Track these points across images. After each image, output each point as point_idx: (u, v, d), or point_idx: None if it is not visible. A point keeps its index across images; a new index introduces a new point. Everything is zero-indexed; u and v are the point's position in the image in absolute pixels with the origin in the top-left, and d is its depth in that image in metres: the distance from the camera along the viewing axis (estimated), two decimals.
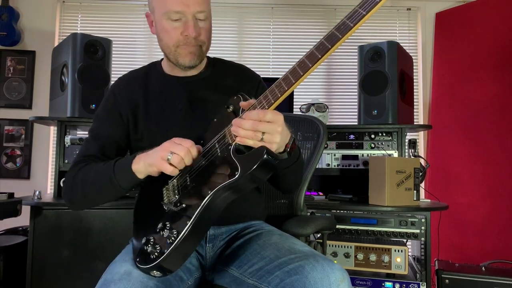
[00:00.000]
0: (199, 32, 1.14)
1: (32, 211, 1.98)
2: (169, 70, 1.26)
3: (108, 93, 1.27)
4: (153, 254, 0.93)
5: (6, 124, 2.91)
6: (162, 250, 0.92)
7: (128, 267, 0.95)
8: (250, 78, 1.29)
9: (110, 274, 0.95)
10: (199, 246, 1.18)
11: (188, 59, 1.16)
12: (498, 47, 2.72)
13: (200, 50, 1.17)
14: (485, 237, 2.63)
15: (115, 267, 0.98)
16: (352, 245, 2.00)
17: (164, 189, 1.04)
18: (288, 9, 3.07)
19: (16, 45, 2.93)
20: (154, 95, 1.23)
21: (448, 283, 1.96)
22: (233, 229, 1.21)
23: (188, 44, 1.14)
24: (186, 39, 1.13)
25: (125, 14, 3.04)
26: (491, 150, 2.67)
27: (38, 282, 1.96)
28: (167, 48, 1.17)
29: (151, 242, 0.96)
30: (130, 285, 0.89)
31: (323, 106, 2.44)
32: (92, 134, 1.22)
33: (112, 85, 1.29)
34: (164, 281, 0.96)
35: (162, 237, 0.94)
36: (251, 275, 1.03)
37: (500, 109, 2.65)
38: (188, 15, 1.11)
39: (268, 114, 0.88)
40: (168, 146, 0.95)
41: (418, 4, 3.03)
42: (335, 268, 0.91)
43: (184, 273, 1.08)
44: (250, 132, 0.88)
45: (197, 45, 1.15)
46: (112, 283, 0.91)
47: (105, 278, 0.95)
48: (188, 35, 1.12)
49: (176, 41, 1.14)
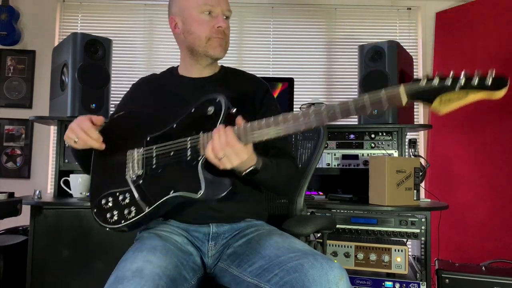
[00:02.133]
0: (226, 25, 1.27)
1: (32, 211, 1.98)
2: (185, 71, 1.35)
3: (128, 90, 1.42)
4: (110, 217, 1.13)
5: (6, 123, 2.91)
6: (119, 219, 1.11)
7: (139, 264, 0.97)
8: (258, 84, 1.37)
9: (121, 271, 0.96)
10: (201, 244, 1.19)
11: (218, 50, 1.27)
12: (498, 47, 2.72)
13: (226, 45, 1.29)
14: (485, 236, 2.63)
15: (126, 264, 0.99)
16: (352, 245, 2.00)
17: (129, 153, 1.19)
18: (288, 8, 3.07)
19: (16, 45, 2.93)
20: (167, 93, 1.32)
21: (448, 283, 1.96)
22: (235, 227, 1.21)
23: (219, 36, 1.25)
24: (218, 31, 1.25)
25: (125, 14, 3.04)
26: (491, 150, 2.67)
27: (38, 282, 1.96)
28: (199, 40, 1.26)
29: (110, 202, 1.15)
30: (144, 283, 0.91)
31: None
32: None
33: (133, 84, 1.42)
34: (172, 280, 0.99)
35: (120, 204, 1.13)
36: (251, 274, 1.04)
37: (500, 109, 2.65)
38: (219, 11, 1.26)
39: (236, 146, 0.98)
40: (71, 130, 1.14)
41: (418, 4, 3.03)
42: (334, 266, 0.92)
43: (188, 272, 1.09)
44: (214, 153, 0.99)
45: (225, 40, 1.28)
46: (125, 279, 0.92)
47: (117, 275, 0.96)
48: (221, 26, 1.24)
49: (209, 32, 1.25)
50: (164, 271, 0.98)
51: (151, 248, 1.06)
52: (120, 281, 0.92)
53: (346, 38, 3.05)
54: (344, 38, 3.05)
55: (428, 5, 3.02)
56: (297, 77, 2.76)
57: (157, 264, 0.99)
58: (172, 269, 1.02)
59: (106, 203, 1.16)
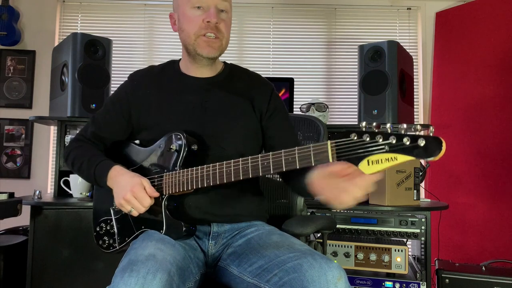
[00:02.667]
0: (219, 20, 1.18)
1: (32, 211, 1.98)
2: (186, 69, 1.29)
3: (124, 83, 1.33)
4: (102, 243, 1.26)
5: (6, 123, 2.91)
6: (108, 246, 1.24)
7: (151, 251, 0.98)
8: (263, 86, 1.31)
9: (134, 255, 0.96)
10: (202, 243, 1.19)
11: (206, 50, 1.19)
12: (498, 46, 2.72)
13: (219, 43, 1.20)
14: (485, 236, 2.63)
15: (137, 250, 0.99)
16: (352, 245, 2.00)
17: None
18: (288, 8, 3.07)
19: (16, 45, 2.93)
20: (168, 91, 1.26)
21: (448, 283, 1.96)
22: (235, 227, 1.21)
23: (208, 31, 1.17)
24: (207, 26, 1.16)
25: (125, 14, 3.04)
26: (491, 150, 2.66)
27: (38, 282, 1.96)
28: (188, 38, 1.19)
29: (103, 228, 1.26)
30: (158, 266, 0.91)
31: (323, 105, 2.44)
32: (94, 119, 1.32)
33: (129, 76, 1.33)
34: (181, 269, 1.00)
35: (110, 232, 1.24)
36: (251, 273, 1.04)
37: (500, 109, 2.65)
38: (211, 4, 1.17)
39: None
40: (131, 200, 1.09)
41: (418, 4, 3.03)
42: (333, 266, 0.92)
43: (194, 267, 1.10)
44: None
45: (217, 37, 1.19)
46: (139, 262, 0.92)
47: (130, 258, 0.96)
48: (210, 20, 1.15)
49: (197, 29, 1.17)
50: (174, 260, 0.99)
51: (160, 239, 1.07)
52: (134, 263, 0.92)
53: (346, 38, 3.05)
54: (344, 38, 3.05)
55: (428, 5, 3.02)
56: (297, 77, 2.77)
57: (168, 252, 1.00)
58: (181, 260, 1.03)
59: (101, 229, 1.27)
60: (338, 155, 0.85)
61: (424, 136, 0.77)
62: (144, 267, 0.90)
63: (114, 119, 1.29)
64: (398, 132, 0.79)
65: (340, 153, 0.85)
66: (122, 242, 1.21)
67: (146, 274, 0.88)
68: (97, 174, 1.18)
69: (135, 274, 0.89)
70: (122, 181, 1.13)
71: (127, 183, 1.11)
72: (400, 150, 0.78)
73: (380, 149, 0.80)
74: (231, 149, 1.20)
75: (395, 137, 0.79)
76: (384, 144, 0.80)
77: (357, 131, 0.84)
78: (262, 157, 0.97)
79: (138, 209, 1.10)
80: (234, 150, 1.19)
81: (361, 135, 0.83)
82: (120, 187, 1.13)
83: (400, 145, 0.78)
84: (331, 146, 0.86)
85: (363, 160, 0.82)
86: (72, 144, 1.31)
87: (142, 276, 0.88)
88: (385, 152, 0.80)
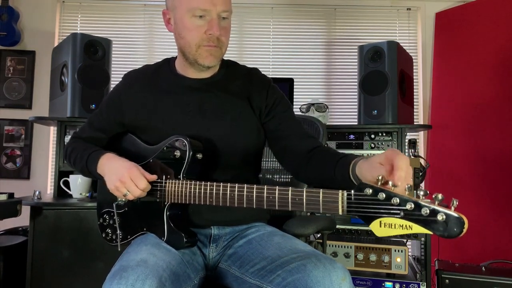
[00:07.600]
0: (221, 32, 1.15)
1: (32, 211, 1.98)
2: (182, 70, 1.25)
3: (118, 83, 1.31)
4: (106, 235, 1.27)
5: (6, 124, 2.91)
6: (111, 239, 1.25)
7: (143, 256, 0.97)
8: (260, 82, 1.28)
9: (126, 261, 0.96)
10: (203, 246, 1.19)
11: (208, 60, 1.16)
12: (498, 47, 2.72)
13: (220, 52, 1.18)
14: (485, 237, 2.63)
15: (130, 255, 0.99)
16: (352, 245, 2.00)
17: None
18: (288, 9, 3.07)
19: (16, 45, 2.93)
20: (163, 92, 1.23)
21: (448, 283, 1.96)
22: (236, 230, 1.21)
23: (210, 44, 1.14)
24: (209, 38, 1.13)
25: (125, 14, 3.04)
26: (491, 150, 2.67)
27: (38, 282, 1.96)
28: (189, 47, 1.16)
29: (106, 220, 1.26)
30: (148, 272, 0.91)
31: (323, 106, 2.44)
32: (90, 121, 1.33)
33: (124, 76, 1.31)
34: (175, 275, 0.99)
35: (112, 226, 1.24)
36: (253, 274, 1.04)
37: (500, 109, 2.65)
38: (214, 14, 1.12)
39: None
40: (127, 182, 1.07)
41: (418, 4, 3.03)
42: (337, 266, 0.92)
43: (192, 271, 1.09)
44: None
45: (218, 46, 1.16)
46: (129, 268, 0.92)
47: (121, 264, 0.96)
48: (213, 33, 1.12)
49: (199, 40, 1.14)
50: (168, 265, 0.98)
51: (155, 244, 1.06)
52: (124, 269, 0.92)
53: (345, 38, 3.05)
54: (343, 38, 3.05)
55: (428, 6, 3.02)
56: (297, 77, 2.77)
57: (161, 257, 1.00)
58: (176, 265, 1.02)
59: (104, 221, 1.28)
60: (349, 208, 0.82)
61: (445, 212, 0.72)
62: (133, 273, 0.90)
63: (107, 123, 1.29)
64: (416, 201, 0.74)
65: (351, 207, 0.82)
66: (124, 239, 1.21)
67: (135, 281, 0.88)
68: (89, 162, 1.18)
69: (124, 281, 0.88)
70: (115, 164, 1.12)
71: (120, 166, 1.10)
72: (416, 220, 0.73)
73: (395, 213, 0.75)
74: (233, 151, 1.19)
75: (412, 204, 0.73)
76: (399, 210, 0.75)
77: (373, 187, 0.78)
78: (269, 189, 0.94)
79: (133, 192, 1.07)
80: (235, 152, 1.19)
81: (377, 192, 0.77)
82: (113, 169, 1.12)
83: (417, 214, 0.73)
84: (342, 197, 0.83)
85: (376, 220, 0.78)
86: (70, 141, 1.34)
87: (130, 283, 0.88)
88: (399, 218, 0.75)
